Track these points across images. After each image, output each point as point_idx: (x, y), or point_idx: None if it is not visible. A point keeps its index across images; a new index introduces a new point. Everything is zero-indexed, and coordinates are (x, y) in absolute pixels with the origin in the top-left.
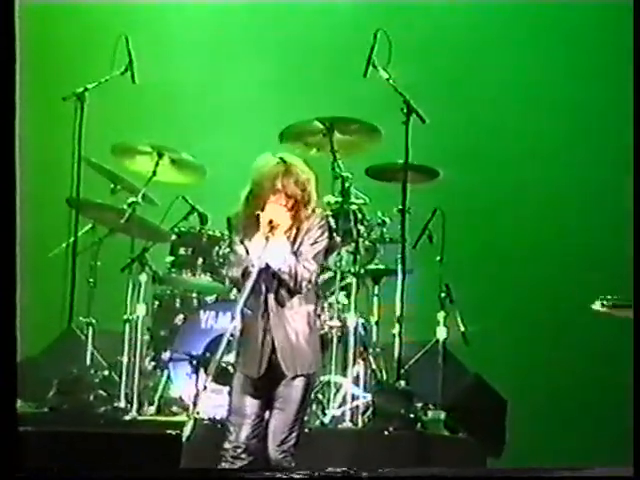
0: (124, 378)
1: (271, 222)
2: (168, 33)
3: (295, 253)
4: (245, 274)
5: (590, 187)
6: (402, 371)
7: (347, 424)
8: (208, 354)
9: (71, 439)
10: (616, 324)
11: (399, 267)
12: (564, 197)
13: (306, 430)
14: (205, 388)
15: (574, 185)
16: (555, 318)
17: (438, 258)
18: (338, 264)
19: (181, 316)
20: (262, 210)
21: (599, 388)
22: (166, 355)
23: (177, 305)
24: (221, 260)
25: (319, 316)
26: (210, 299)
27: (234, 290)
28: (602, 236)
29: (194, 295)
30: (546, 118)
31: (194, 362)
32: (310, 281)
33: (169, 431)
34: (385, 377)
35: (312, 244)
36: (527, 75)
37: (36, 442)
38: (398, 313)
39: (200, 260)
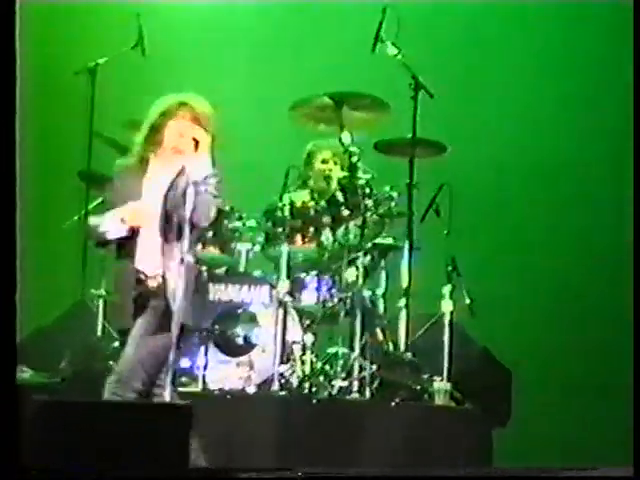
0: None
1: None
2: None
3: None
4: None
5: (594, 165)
6: (409, 343)
7: (354, 395)
8: (217, 326)
9: (82, 408)
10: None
11: (406, 241)
12: (570, 172)
13: (314, 401)
14: None
15: (580, 161)
16: (562, 293)
17: (445, 231)
18: (346, 238)
19: (191, 289)
20: None
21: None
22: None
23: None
24: (229, 233)
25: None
26: (219, 272)
27: (242, 259)
28: (608, 211)
29: (203, 268)
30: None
31: (203, 334)
32: None
33: (178, 401)
34: (392, 349)
35: None
36: (532, 61)
37: (47, 411)
38: (405, 286)
39: (210, 233)
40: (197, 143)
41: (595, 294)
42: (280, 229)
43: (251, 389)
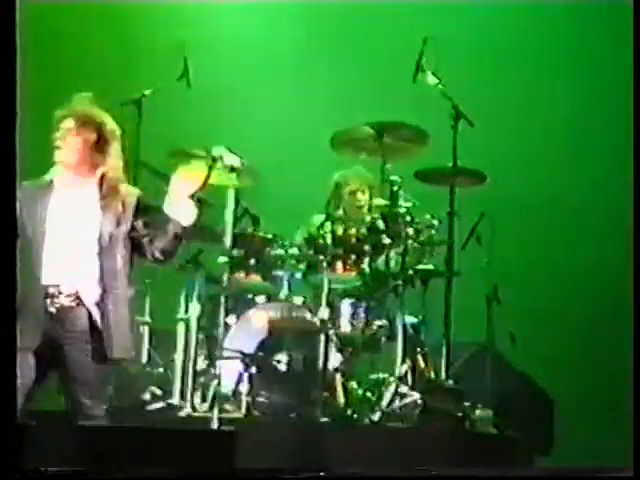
0: (178, 376)
1: None
2: (215, 35)
3: None
4: None
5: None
6: (450, 370)
7: (397, 422)
8: (260, 353)
9: (128, 434)
10: None
11: (447, 268)
12: (610, 198)
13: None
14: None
15: (621, 186)
16: (603, 320)
17: (486, 260)
18: (387, 265)
19: (234, 316)
20: None
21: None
22: (220, 353)
23: (230, 304)
24: (272, 261)
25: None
26: (261, 299)
27: (284, 287)
28: None
29: (247, 294)
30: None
31: (246, 360)
32: None
33: (223, 427)
34: (433, 376)
35: None
36: (575, 93)
37: (95, 437)
38: (446, 313)
39: (252, 261)
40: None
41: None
42: (322, 257)
43: (294, 414)
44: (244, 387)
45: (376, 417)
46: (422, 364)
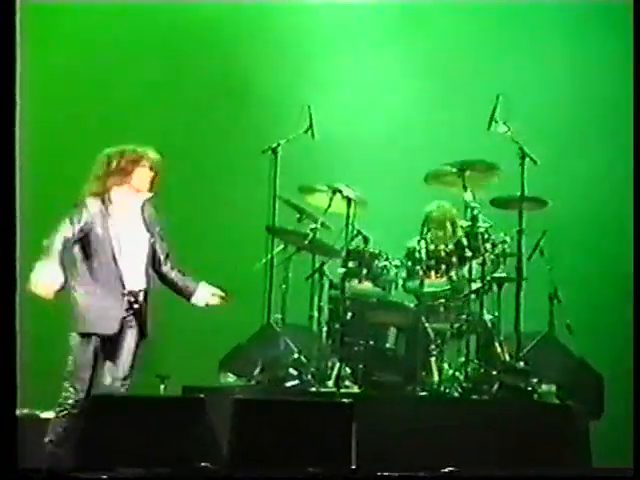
0: (309, 360)
1: None
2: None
3: None
4: None
5: None
6: (521, 354)
7: (482, 395)
8: (371, 342)
9: (270, 405)
10: None
11: (517, 275)
12: None
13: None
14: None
15: None
16: None
17: (548, 267)
18: (470, 273)
19: (350, 313)
20: None
21: None
22: (340, 342)
23: (348, 304)
24: (379, 271)
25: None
26: (372, 300)
27: (389, 291)
28: None
29: (360, 297)
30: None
31: (362, 347)
32: None
33: (344, 399)
34: (508, 359)
35: None
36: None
37: (244, 408)
38: (516, 310)
39: (364, 271)
40: None
41: None
42: (418, 267)
43: (398, 391)
44: (360, 369)
45: (463, 391)
46: (499, 350)
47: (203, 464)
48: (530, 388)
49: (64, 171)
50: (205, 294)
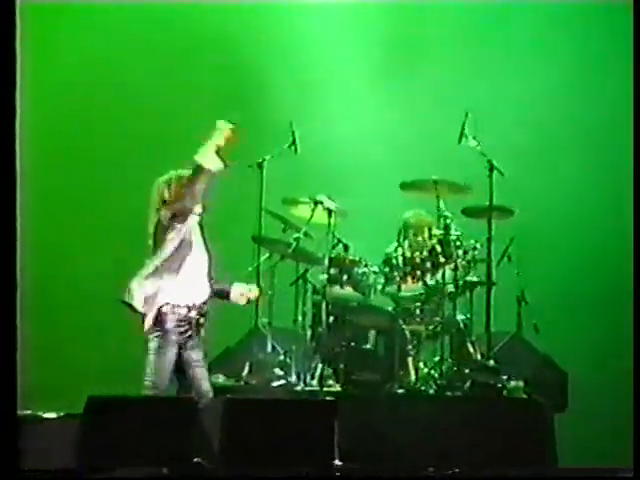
0: (294, 361)
1: None
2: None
3: None
4: None
5: None
6: (491, 353)
7: (455, 392)
8: (352, 343)
9: (258, 403)
10: None
11: (487, 279)
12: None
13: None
14: None
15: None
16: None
17: (516, 272)
18: (443, 278)
19: (332, 317)
20: None
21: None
22: (323, 344)
23: (329, 309)
24: (359, 276)
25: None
26: (352, 304)
27: (368, 295)
28: None
29: (341, 301)
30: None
31: (343, 348)
32: None
33: (327, 398)
34: (479, 358)
35: None
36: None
37: (234, 407)
38: (487, 312)
39: (345, 277)
40: None
41: None
42: (395, 273)
43: (377, 389)
44: (341, 369)
45: (438, 388)
46: (471, 349)
47: (196, 460)
48: (500, 385)
49: (65, 170)
50: (237, 292)
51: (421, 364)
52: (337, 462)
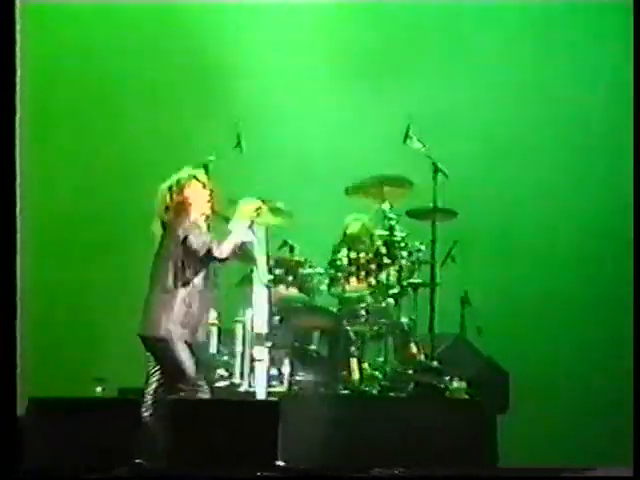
0: (239, 361)
1: None
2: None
3: None
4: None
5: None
6: (435, 354)
7: (398, 393)
8: (297, 344)
9: (202, 404)
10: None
11: (431, 281)
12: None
13: (367, 397)
14: None
15: (574, 209)
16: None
17: (459, 273)
18: (388, 279)
19: (277, 317)
20: None
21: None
22: (268, 344)
23: (275, 310)
24: (304, 277)
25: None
26: (298, 305)
27: (313, 296)
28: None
29: (287, 302)
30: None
31: (287, 350)
32: None
33: (270, 398)
34: (423, 359)
35: None
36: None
37: (177, 407)
38: (431, 313)
39: (290, 278)
40: None
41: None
42: (340, 274)
43: (322, 389)
44: (286, 369)
45: (382, 389)
46: (415, 350)
47: (137, 461)
48: (443, 385)
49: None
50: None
51: (365, 365)
52: (280, 463)
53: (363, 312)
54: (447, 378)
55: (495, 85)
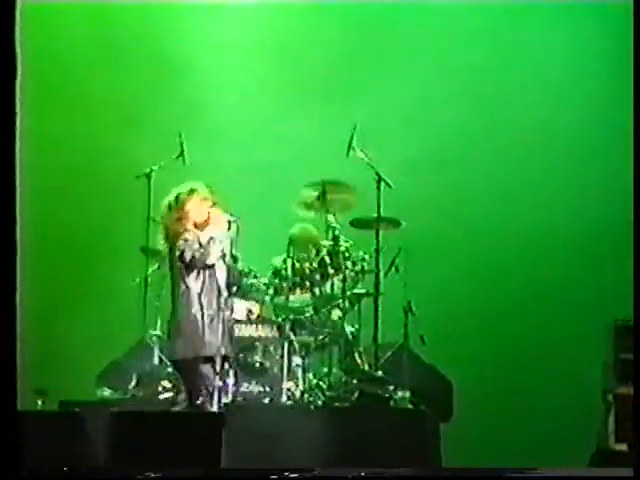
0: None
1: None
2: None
3: None
4: None
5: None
6: (379, 364)
7: (343, 403)
8: (241, 355)
9: (145, 417)
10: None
11: (375, 290)
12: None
13: (311, 407)
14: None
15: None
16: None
17: (403, 283)
18: (332, 289)
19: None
20: None
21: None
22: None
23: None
24: (248, 287)
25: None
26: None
27: (260, 309)
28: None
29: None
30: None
31: (231, 361)
32: None
33: (214, 409)
34: (367, 368)
35: None
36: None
37: (121, 420)
38: (375, 323)
39: (234, 288)
40: None
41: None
42: (284, 284)
43: (267, 400)
44: (230, 380)
45: (326, 400)
46: (359, 360)
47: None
48: (387, 395)
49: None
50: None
51: (310, 375)
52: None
53: (307, 322)
54: (391, 388)
55: (443, 93)
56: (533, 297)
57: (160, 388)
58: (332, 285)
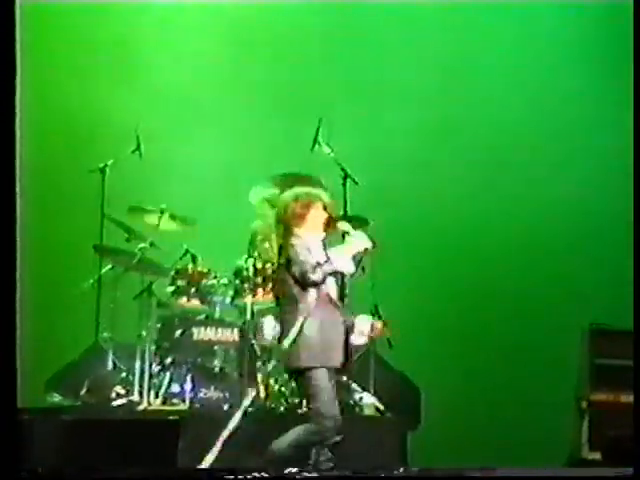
0: (137, 378)
1: None
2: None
3: None
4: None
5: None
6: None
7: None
8: (199, 360)
9: (97, 425)
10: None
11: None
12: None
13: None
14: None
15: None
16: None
17: (370, 284)
18: None
19: (179, 331)
20: None
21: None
22: (168, 360)
23: (176, 323)
24: (207, 289)
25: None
26: (200, 318)
27: (217, 309)
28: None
29: (189, 315)
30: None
31: (189, 366)
32: None
33: (171, 417)
34: None
35: None
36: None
37: (71, 428)
38: None
39: (193, 289)
40: None
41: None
42: (246, 285)
43: (226, 406)
44: (188, 386)
45: (289, 406)
46: None
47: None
48: (353, 402)
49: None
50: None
51: (272, 381)
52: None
53: (270, 325)
54: (357, 394)
55: (415, 90)
56: (505, 299)
57: (114, 394)
58: None
